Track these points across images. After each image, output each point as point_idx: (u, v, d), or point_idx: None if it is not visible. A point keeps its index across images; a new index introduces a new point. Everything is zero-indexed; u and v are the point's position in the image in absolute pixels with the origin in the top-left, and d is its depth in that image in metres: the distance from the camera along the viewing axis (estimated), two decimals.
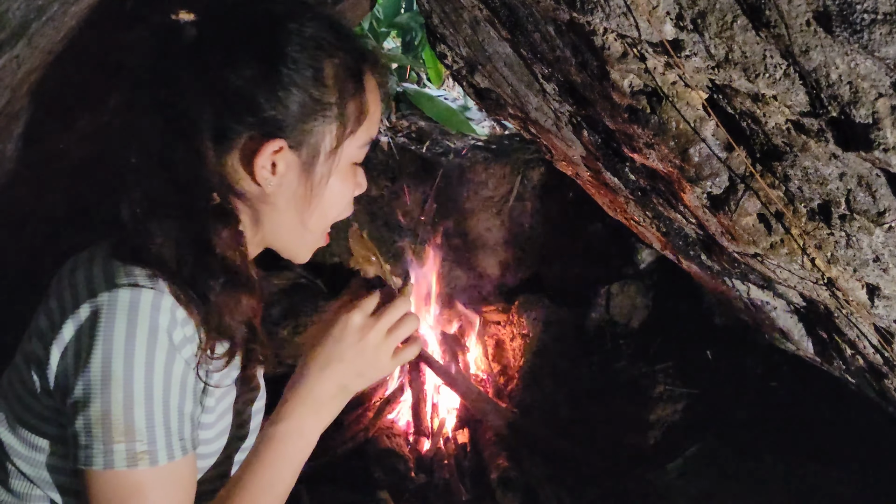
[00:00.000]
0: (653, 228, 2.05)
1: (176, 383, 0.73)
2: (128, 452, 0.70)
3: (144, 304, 0.71)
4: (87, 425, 0.70)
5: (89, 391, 0.69)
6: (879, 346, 1.42)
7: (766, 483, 2.17)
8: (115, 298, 0.71)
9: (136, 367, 0.70)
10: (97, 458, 0.70)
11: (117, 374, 0.69)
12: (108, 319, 0.70)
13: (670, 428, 2.53)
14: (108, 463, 0.70)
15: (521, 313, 3.01)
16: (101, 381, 0.69)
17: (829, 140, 1.09)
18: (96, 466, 0.70)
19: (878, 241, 1.18)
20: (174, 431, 0.73)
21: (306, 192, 0.82)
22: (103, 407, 0.69)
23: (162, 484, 0.72)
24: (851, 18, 0.87)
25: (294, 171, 0.81)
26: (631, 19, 1.13)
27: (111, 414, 0.69)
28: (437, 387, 2.79)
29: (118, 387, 0.69)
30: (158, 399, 0.71)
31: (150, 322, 0.71)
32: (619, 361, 3.00)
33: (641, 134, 1.40)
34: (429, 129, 3.48)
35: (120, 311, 0.70)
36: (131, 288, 0.71)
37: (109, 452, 0.70)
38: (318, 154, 0.81)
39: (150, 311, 0.71)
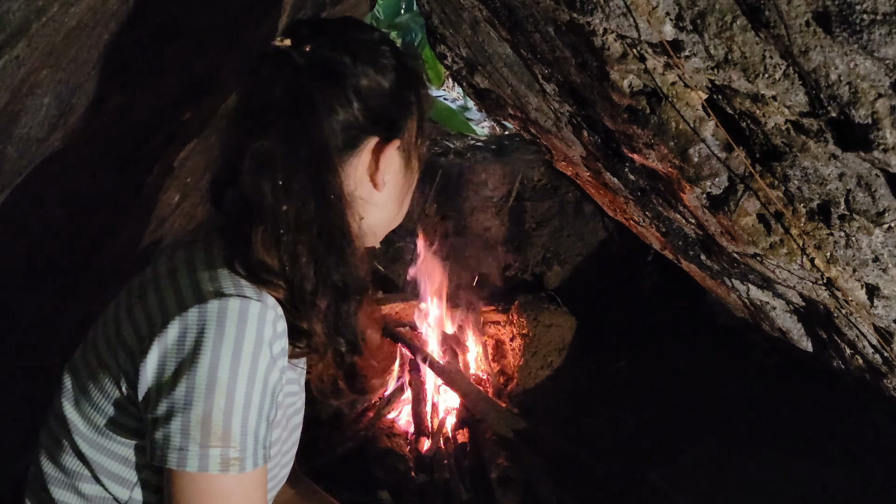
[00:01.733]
0: (652, 228, 2.05)
1: (270, 392, 0.75)
2: (222, 458, 0.72)
3: (252, 315, 0.73)
4: (185, 427, 0.71)
5: (192, 395, 0.71)
6: (879, 346, 1.42)
7: (766, 483, 2.17)
8: (225, 307, 0.73)
9: (240, 376, 0.72)
10: (192, 460, 0.72)
11: (222, 380, 0.71)
12: (218, 327, 0.72)
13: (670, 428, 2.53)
14: (202, 466, 0.72)
15: (521, 313, 3.01)
16: (206, 385, 0.71)
17: (829, 140, 1.09)
18: (190, 468, 0.72)
19: (878, 241, 1.18)
20: (261, 440, 0.76)
21: (407, 182, 0.91)
22: (205, 411, 0.71)
23: (246, 490, 0.75)
24: (851, 19, 0.87)
25: (401, 166, 0.89)
26: (631, 20, 1.13)
27: (212, 419, 0.71)
28: (438, 387, 2.79)
29: (222, 393, 0.71)
30: (255, 407, 0.74)
31: (256, 333, 0.73)
32: (618, 361, 3.00)
33: (641, 134, 1.40)
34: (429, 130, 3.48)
35: (230, 320, 0.72)
36: (241, 299, 0.74)
37: (205, 456, 0.72)
38: (413, 146, 0.90)
39: (257, 323, 0.73)
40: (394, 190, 0.89)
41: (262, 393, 0.74)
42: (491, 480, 2.29)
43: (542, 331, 2.95)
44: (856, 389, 1.78)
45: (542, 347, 2.93)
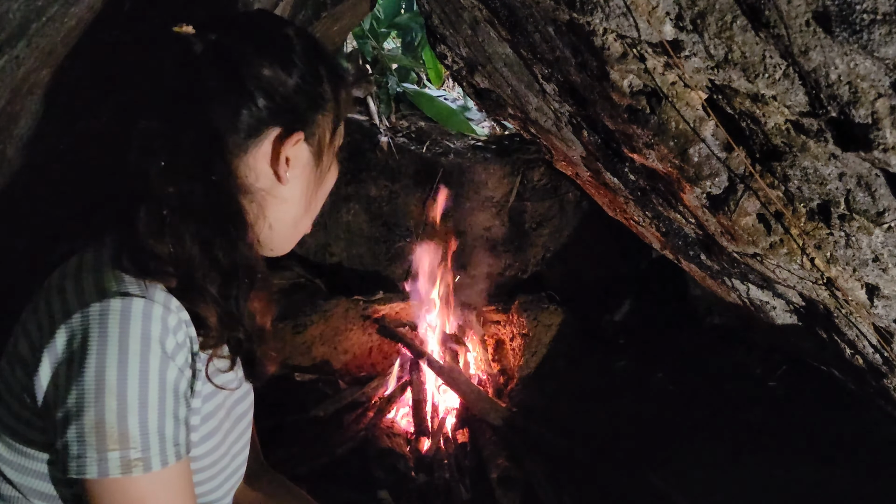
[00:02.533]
0: (652, 228, 2.05)
1: (170, 389, 0.73)
2: (122, 460, 0.70)
3: (136, 312, 0.71)
4: (80, 434, 0.70)
5: (82, 400, 0.70)
6: (879, 346, 1.42)
7: (766, 483, 2.17)
8: (106, 308, 0.71)
9: (129, 376, 0.70)
10: (91, 466, 0.70)
11: (111, 382, 0.69)
12: (101, 329, 0.70)
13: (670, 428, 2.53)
14: (102, 471, 0.70)
15: (521, 313, 3.01)
16: (94, 390, 0.69)
17: (829, 140, 1.09)
18: (90, 475, 0.70)
19: (878, 241, 1.18)
20: (169, 437, 0.73)
21: (315, 180, 0.89)
22: (97, 416, 0.69)
23: (158, 489, 0.73)
24: (851, 19, 0.87)
25: (307, 162, 0.87)
26: (631, 20, 1.13)
27: (105, 422, 0.69)
28: (438, 387, 2.79)
29: (112, 395, 0.69)
30: (153, 406, 0.72)
31: (141, 331, 0.71)
32: (618, 361, 3.00)
33: (641, 134, 1.40)
34: (429, 129, 3.48)
35: (112, 320, 0.71)
36: (122, 297, 0.72)
37: (104, 461, 0.70)
38: (325, 144, 0.88)
39: (141, 320, 0.72)
40: (300, 186, 0.87)
41: (160, 390, 0.72)
42: (491, 480, 2.29)
43: (543, 330, 2.95)
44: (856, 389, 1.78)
45: (542, 347, 2.93)
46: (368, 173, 3.22)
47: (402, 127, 3.46)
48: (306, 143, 0.86)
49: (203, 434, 0.83)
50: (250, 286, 0.81)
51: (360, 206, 3.23)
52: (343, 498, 2.17)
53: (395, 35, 4.12)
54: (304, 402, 2.65)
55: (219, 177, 0.78)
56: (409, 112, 3.64)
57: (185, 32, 0.80)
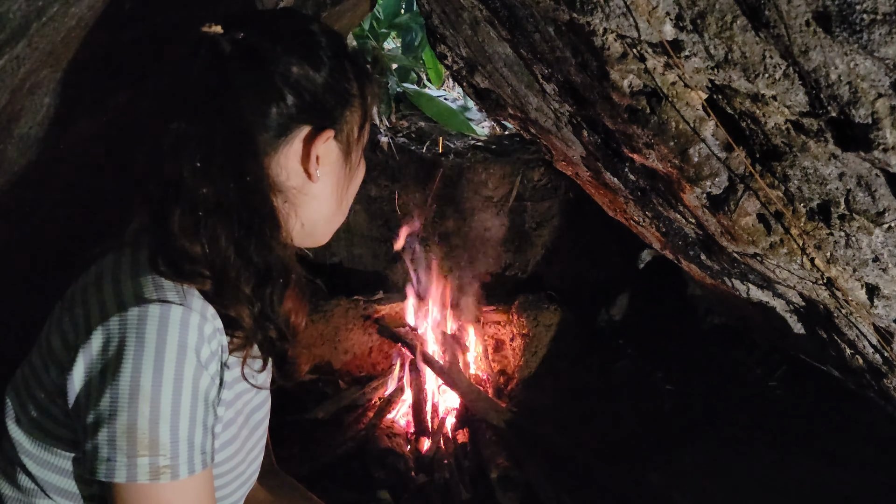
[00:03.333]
0: (652, 228, 2.05)
1: (202, 397, 0.74)
2: (150, 466, 0.71)
3: (174, 320, 0.72)
4: (112, 438, 0.71)
5: (116, 404, 0.70)
6: (879, 346, 1.42)
7: (766, 482, 2.17)
8: (145, 314, 0.72)
9: (164, 383, 0.71)
10: (120, 470, 0.71)
11: (145, 388, 0.70)
12: (138, 335, 0.71)
13: (670, 428, 2.53)
14: (131, 476, 0.71)
15: (521, 313, 3.01)
16: (129, 395, 0.70)
17: (829, 140, 1.09)
18: (119, 479, 0.71)
19: (878, 241, 1.18)
20: (197, 446, 0.74)
21: (346, 177, 0.90)
22: (129, 421, 0.70)
23: (183, 497, 0.74)
24: (851, 19, 0.87)
25: (337, 159, 0.88)
26: (631, 20, 1.13)
27: (137, 428, 0.70)
28: (438, 387, 2.79)
29: (146, 401, 0.70)
30: (185, 414, 0.73)
31: (178, 339, 0.72)
32: (618, 361, 3.01)
33: (641, 134, 1.40)
34: (429, 129, 3.49)
35: (150, 326, 0.71)
36: (161, 304, 0.73)
37: (133, 466, 0.71)
38: (353, 140, 0.89)
39: (179, 328, 0.72)
40: (331, 183, 0.88)
41: (193, 399, 0.73)
42: (491, 480, 2.29)
43: (543, 331, 2.95)
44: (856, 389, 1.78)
45: (542, 347, 2.93)
46: (369, 173, 3.21)
47: (402, 127, 3.46)
48: (335, 141, 0.86)
49: (223, 441, 0.83)
50: (285, 286, 0.83)
51: (360, 206, 3.23)
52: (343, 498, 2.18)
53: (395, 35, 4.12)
54: (305, 402, 2.65)
55: (252, 176, 0.79)
56: (409, 112, 3.64)
57: (213, 32, 0.80)
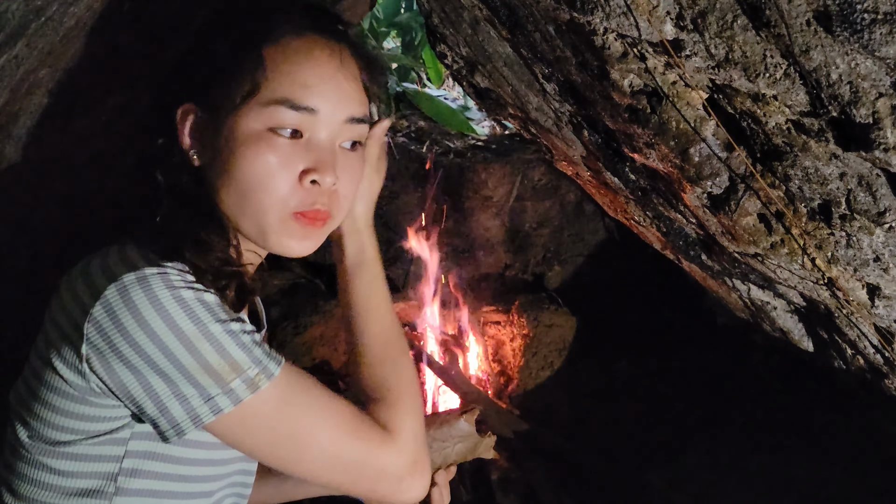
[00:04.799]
0: (653, 228, 2.05)
1: (230, 316, 0.75)
2: (245, 382, 0.72)
3: (172, 274, 0.72)
4: (195, 382, 0.70)
5: (174, 356, 0.69)
6: (880, 346, 1.42)
7: (766, 483, 2.17)
8: (142, 274, 0.71)
9: (202, 317, 0.71)
10: (222, 400, 0.71)
11: (188, 327, 0.70)
12: (146, 292, 0.70)
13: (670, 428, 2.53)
14: (235, 399, 0.72)
15: (521, 313, 3.01)
16: (182, 342, 0.70)
17: (830, 140, 1.09)
18: (226, 409, 0.71)
19: (879, 241, 1.18)
20: (259, 345, 0.75)
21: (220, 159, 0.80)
22: (201, 361, 0.70)
23: (287, 389, 0.75)
24: (852, 18, 0.87)
25: (207, 137, 0.81)
26: (631, 19, 1.13)
27: (211, 364, 0.70)
28: (438, 387, 2.79)
29: (198, 338, 0.70)
30: (237, 329, 0.73)
31: (185, 283, 0.72)
32: (618, 361, 3.00)
33: (642, 134, 1.40)
34: (429, 129, 3.48)
35: (152, 282, 0.71)
36: (153, 265, 0.73)
37: (230, 392, 0.71)
38: (219, 114, 0.79)
39: (179, 278, 0.73)
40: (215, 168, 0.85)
41: (227, 317, 0.74)
42: (491, 481, 2.29)
43: (543, 331, 2.95)
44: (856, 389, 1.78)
45: (542, 348, 2.93)
46: None
47: (403, 127, 3.46)
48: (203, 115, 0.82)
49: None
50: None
51: None
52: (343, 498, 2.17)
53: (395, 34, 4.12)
54: None
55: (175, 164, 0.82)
56: (409, 112, 3.64)
57: None
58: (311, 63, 0.79)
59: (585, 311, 3.10)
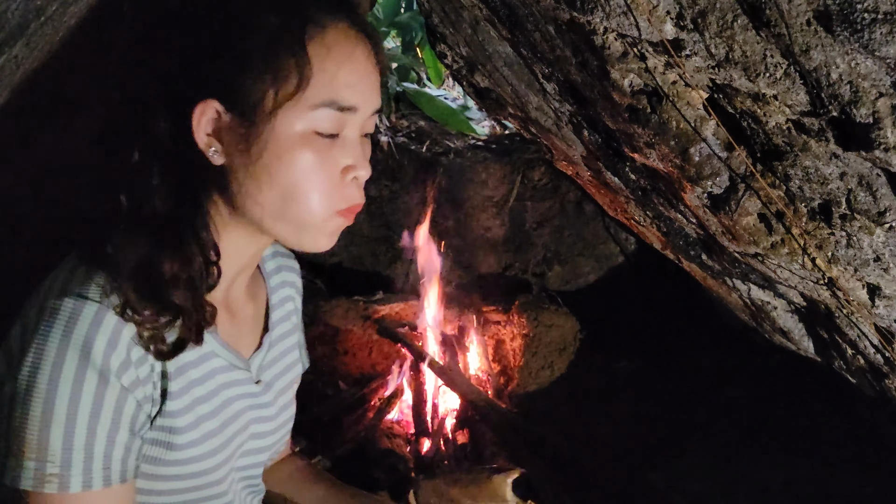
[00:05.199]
0: (653, 228, 2.05)
1: (108, 408, 0.68)
2: (36, 472, 0.65)
3: (85, 317, 0.67)
4: (7, 435, 0.66)
5: (14, 400, 0.66)
6: (880, 346, 1.42)
7: (766, 483, 2.17)
8: (57, 307, 0.67)
9: (61, 384, 0.65)
10: (9, 471, 0.66)
11: (41, 387, 0.65)
12: (45, 328, 0.66)
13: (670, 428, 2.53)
14: (13, 479, 0.66)
15: (521, 313, 3.00)
16: (24, 391, 0.65)
17: (830, 140, 1.09)
18: (6, 481, 0.66)
19: (879, 241, 1.18)
20: (97, 457, 0.68)
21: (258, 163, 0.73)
22: (20, 419, 0.65)
23: None
24: (852, 18, 0.87)
25: (237, 138, 0.72)
26: (631, 19, 1.13)
27: (26, 428, 0.65)
28: (438, 387, 2.79)
29: (38, 401, 0.65)
30: (83, 422, 0.66)
31: (85, 338, 0.66)
32: (618, 361, 3.00)
33: (642, 133, 1.40)
34: (429, 129, 3.48)
35: (58, 321, 0.66)
36: (76, 298, 0.67)
37: (18, 468, 0.66)
38: (254, 116, 0.72)
39: (87, 327, 0.66)
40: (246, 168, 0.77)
41: (95, 406, 0.66)
42: None
43: (543, 331, 2.95)
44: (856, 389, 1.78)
45: (542, 348, 2.93)
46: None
47: (402, 126, 3.46)
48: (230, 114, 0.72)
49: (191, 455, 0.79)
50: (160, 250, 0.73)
51: None
52: None
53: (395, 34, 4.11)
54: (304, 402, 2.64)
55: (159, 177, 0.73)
56: (409, 111, 3.64)
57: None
58: (352, 60, 0.74)
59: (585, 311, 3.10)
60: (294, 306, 1.02)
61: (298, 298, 1.04)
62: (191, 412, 0.78)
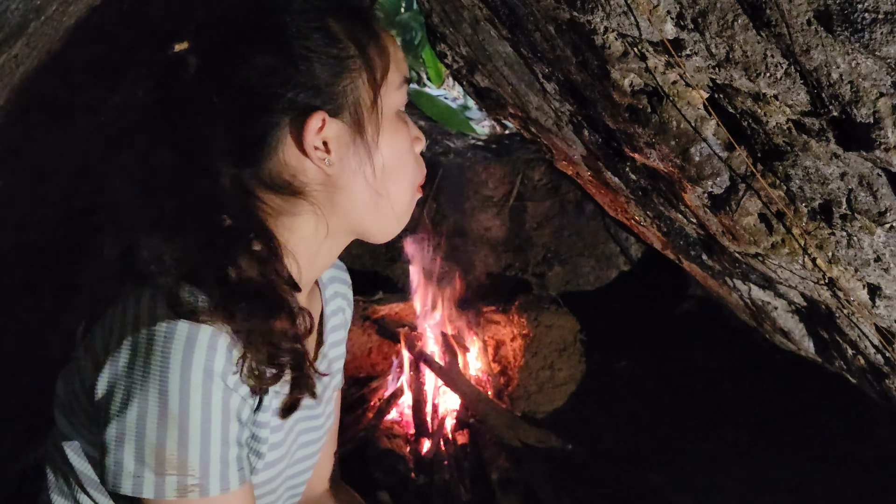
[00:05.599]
0: (653, 228, 2.05)
1: (234, 417, 0.72)
2: (179, 485, 0.70)
3: (201, 342, 0.69)
4: (140, 455, 0.69)
5: (144, 422, 0.68)
6: (881, 347, 1.42)
7: (766, 483, 2.17)
8: (172, 331, 0.68)
9: (192, 408, 0.68)
10: (148, 487, 0.70)
11: (173, 412, 0.68)
12: (164, 353, 0.68)
13: (670, 428, 2.53)
14: (159, 493, 0.70)
15: (522, 313, 3.01)
16: (157, 415, 0.68)
17: (831, 139, 1.08)
18: (147, 495, 0.70)
19: (880, 241, 1.18)
20: (232, 463, 0.73)
21: (366, 157, 0.78)
22: (158, 441, 0.69)
23: None
24: (852, 17, 0.87)
25: (346, 140, 0.77)
26: (631, 18, 1.13)
27: (165, 449, 0.69)
28: (437, 387, 2.79)
29: (174, 425, 0.68)
30: (216, 436, 0.71)
31: (205, 363, 0.69)
32: (619, 361, 3.00)
33: (642, 133, 1.40)
34: (429, 129, 3.48)
35: (176, 346, 0.68)
36: (190, 323, 0.69)
37: (161, 483, 0.69)
38: (360, 111, 0.77)
39: (206, 351, 0.69)
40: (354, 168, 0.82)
41: (224, 420, 0.71)
42: (491, 481, 2.29)
43: (543, 331, 2.95)
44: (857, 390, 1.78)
45: (542, 348, 2.93)
46: None
47: None
48: (336, 119, 0.75)
49: (268, 461, 0.82)
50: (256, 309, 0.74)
51: None
52: None
53: (395, 34, 4.11)
54: None
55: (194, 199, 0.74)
56: (409, 111, 3.63)
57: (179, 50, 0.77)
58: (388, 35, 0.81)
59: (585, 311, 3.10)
60: (344, 318, 1.03)
61: (349, 311, 1.05)
62: (268, 426, 0.80)
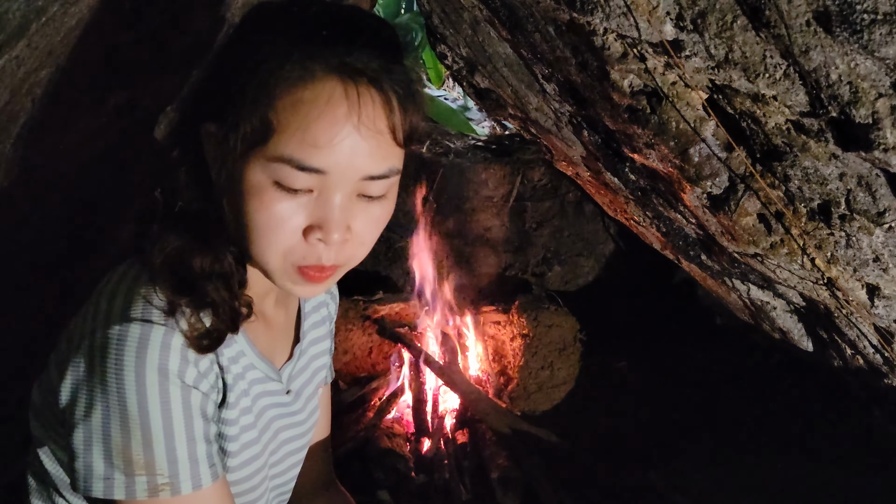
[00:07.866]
0: (653, 228, 2.05)
1: (197, 414, 0.72)
2: (149, 485, 0.70)
3: (154, 342, 0.69)
4: (108, 457, 0.69)
5: (108, 425, 0.69)
6: (879, 346, 1.42)
7: (766, 483, 2.17)
8: (125, 334, 0.69)
9: (151, 409, 0.69)
10: (119, 488, 0.70)
11: (133, 414, 0.68)
12: (118, 356, 0.69)
13: (670, 428, 2.53)
14: (129, 494, 0.70)
15: (521, 313, 3.01)
16: (119, 417, 0.68)
17: (829, 140, 1.09)
18: (118, 496, 0.70)
19: (878, 241, 1.18)
20: (201, 460, 0.73)
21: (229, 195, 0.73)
22: (123, 442, 0.69)
23: None
24: (851, 18, 0.87)
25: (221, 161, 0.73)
26: (631, 19, 1.13)
27: (131, 450, 0.69)
28: (438, 387, 2.79)
29: (136, 426, 0.69)
30: (180, 435, 0.71)
31: (159, 362, 0.69)
32: (618, 361, 3.00)
33: (641, 134, 1.40)
34: (429, 129, 3.48)
35: (129, 348, 0.69)
36: (142, 324, 0.70)
37: (131, 484, 0.70)
38: (229, 150, 0.71)
39: (159, 351, 0.69)
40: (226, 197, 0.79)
41: (186, 417, 0.71)
42: (491, 481, 2.29)
43: (543, 331, 2.95)
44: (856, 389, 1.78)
45: (542, 348, 2.93)
46: None
47: None
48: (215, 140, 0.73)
49: (242, 459, 0.82)
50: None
51: None
52: None
53: None
54: None
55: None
56: None
57: None
58: (324, 120, 0.68)
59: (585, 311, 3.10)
60: (328, 312, 1.02)
61: (333, 305, 1.04)
62: (237, 424, 0.81)
